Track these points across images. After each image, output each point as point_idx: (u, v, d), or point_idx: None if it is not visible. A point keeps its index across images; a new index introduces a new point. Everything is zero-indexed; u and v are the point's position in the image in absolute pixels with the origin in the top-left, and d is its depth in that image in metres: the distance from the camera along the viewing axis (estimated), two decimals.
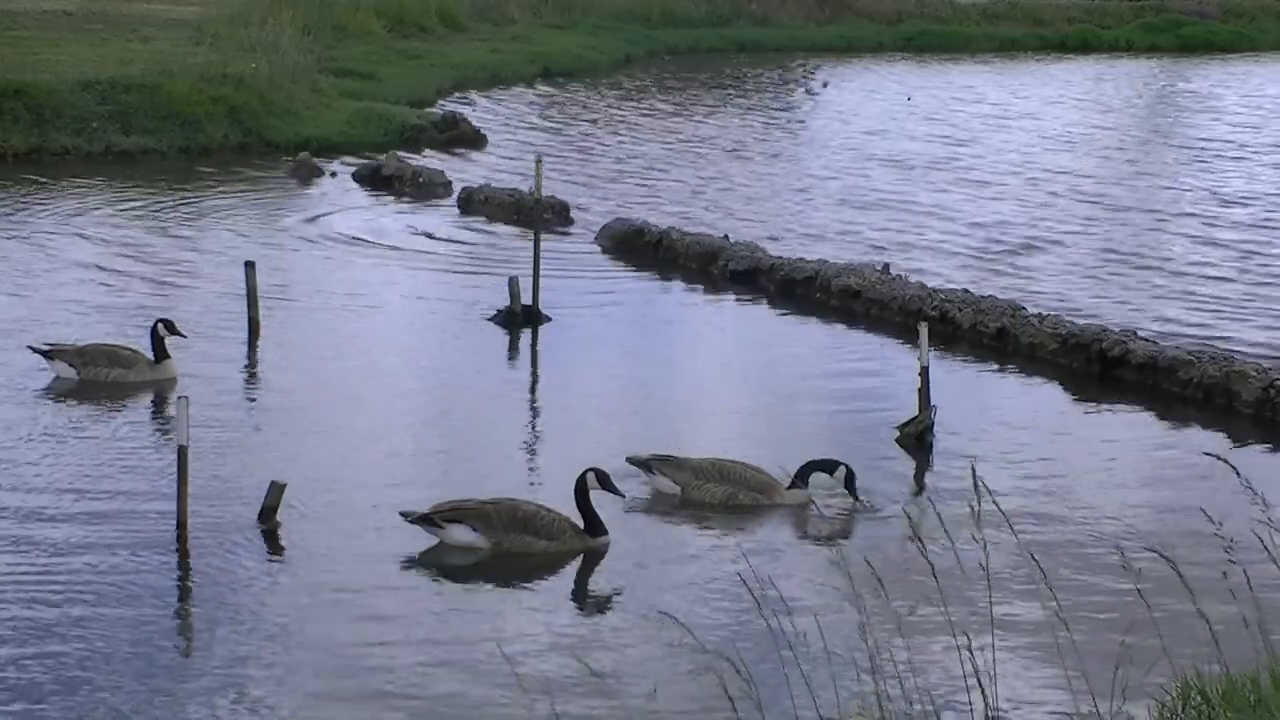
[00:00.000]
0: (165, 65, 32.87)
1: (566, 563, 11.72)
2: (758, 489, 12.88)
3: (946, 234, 24.46)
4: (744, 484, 12.88)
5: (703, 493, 12.87)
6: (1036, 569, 7.06)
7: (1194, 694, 7.46)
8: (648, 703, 9.15)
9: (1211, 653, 7.18)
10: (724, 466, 12.98)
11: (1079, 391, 16.50)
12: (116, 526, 11.94)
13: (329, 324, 18.68)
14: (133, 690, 9.43)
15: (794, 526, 12.60)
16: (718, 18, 59.34)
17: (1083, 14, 66.14)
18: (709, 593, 10.98)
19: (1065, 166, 32.02)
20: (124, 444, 14.05)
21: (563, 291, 19.84)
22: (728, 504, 12.73)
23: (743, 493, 12.83)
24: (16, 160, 28.93)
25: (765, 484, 12.92)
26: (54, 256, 21.81)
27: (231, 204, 26.49)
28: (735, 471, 12.95)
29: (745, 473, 12.95)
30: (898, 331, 18.42)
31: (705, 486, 12.88)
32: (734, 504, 12.73)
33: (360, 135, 32.81)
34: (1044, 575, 6.99)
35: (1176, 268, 22.07)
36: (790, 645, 7.07)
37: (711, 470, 12.95)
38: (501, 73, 45.79)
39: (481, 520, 11.71)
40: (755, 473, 12.98)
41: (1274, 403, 15.28)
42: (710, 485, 12.88)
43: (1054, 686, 9.33)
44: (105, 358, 15.77)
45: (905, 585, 9.67)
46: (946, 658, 8.61)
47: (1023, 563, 10.35)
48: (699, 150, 33.84)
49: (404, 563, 11.56)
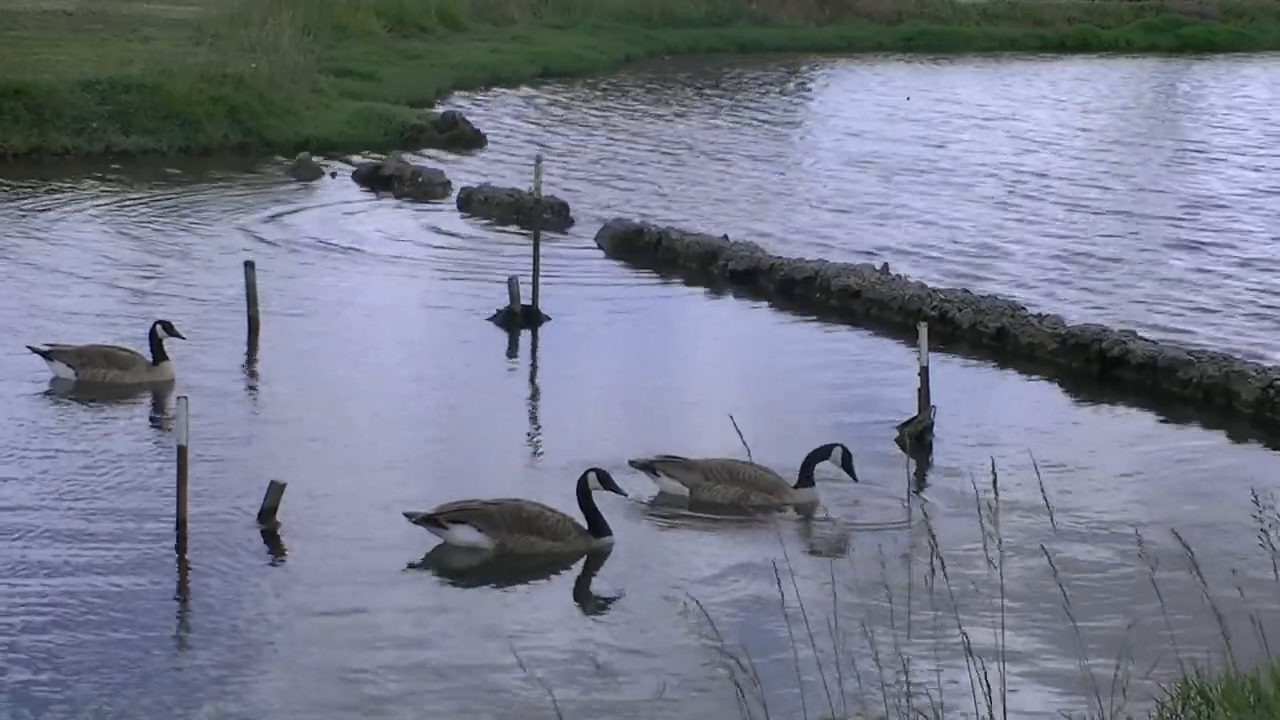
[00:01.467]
0: (165, 65, 32.87)
1: (571, 563, 11.72)
2: (768, 489, 12.81)
3: (921, 240, 24.32)
4: (754, 485, 12.79)
5: (713, 494, 12.78)
6: (1037, 569, 7.07)
7: (1194, 694, 7.47)
8: (654, 700, 9.16)
9: (1212, 653, 7.19)
10: (733, 467, 12.85)
11: (1079, 391, 16.50)
12: (116, 526, 11.94)
13: (328, 323, 18.68)
14: (132, 690, 9.42)
15: (798, 526, 12.60)
16: (718, 18, 59.32)
17: (1083, 14, 66.13)
18: (714, 593, 10.97)
19: (1060, 171, 31.99)
20: (123, 444, 14.05)
21: (562, 292, 19.85)
22: (739, 505, 12.62)
23: (754, 493, 12.74)
24: (16, 160, 28.93)
25: (775, 484, 12.86)
26: (53, 257, 21.80)
27: (231, 204, 26.48)
28: (745, 472, 12.82)
29: (755, 473, 12.84)
30: (897, 331, 18.42)
31: (716, 488, 12.78)
32: (745, 505, 12.62)
33: (360, 135, 32.82)
34: (1055, 570, 6.99)
35: (1159, 274, 21.96)
36: (794, 645, 7.08)
37: (721, 471, 12.85)
38: (501, 73, 45.78)
39: (485, 521, 11.70)
40: (764, 473, 12.89)
41: (1274, 403, 15.28)
42: (721, 486, 12.79)
43: (1054, 686, 9.34)
44: (103, 359, 15.76)
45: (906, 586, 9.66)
46: (948, 658, 8.61)
47: (1023, 563, 10.36)
48: (699, 150, 33.83)
49: (405, 563, 11.56)
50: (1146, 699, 7.87)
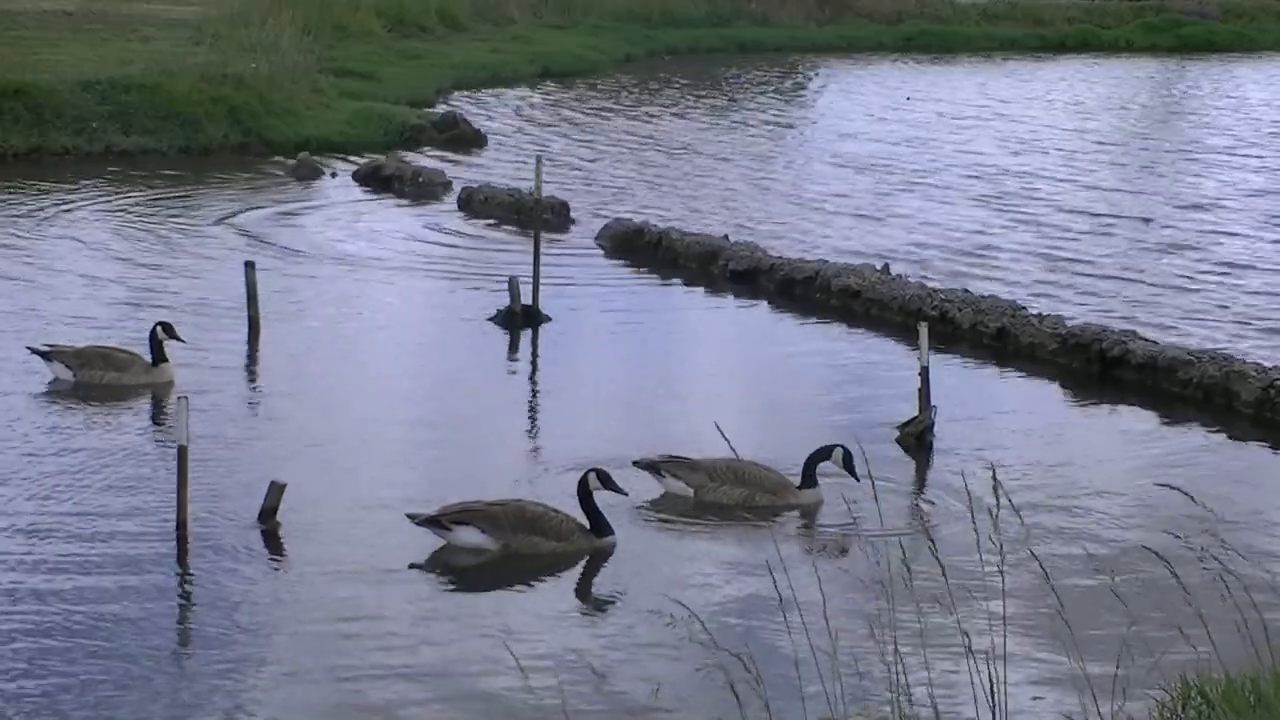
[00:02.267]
0: (165, 65, 32.88)
1: (572, 564, 11.72)
2: (773, 490, 12.77)
3: (921, 239, 24.30)
4: (760, 485, 12.75)
5: (718, 495, 12.73)
6: (1037, 569, 7.06)
7: (1194, 694, 7.47)
8: (653, 701, 9.16)
9: (1212, 653, 7.19)
10: (738, 468, 12.81)
11: (1079, 391, 16.50)
12: (116, 527, 11.94)
13: (328, 324, 18.68)
14: (131, 691, 9.42)
15: (797, 527, 12.60)
16: (718, 18, 59.35)
17: (1083, 14, 66.18)
18: (713, 594, 10.97)
19: (1060, 172, 32.01)
20: (123, 444, 14.04)
21: (563, 291, 19.85)
22: (744, 506, 12.52)
23: (759, 494, 12.70)
24: (16, 160, 28.94)
25: (780, 485, 12.83)
26: (53, 257, 21.81)
27: (231, 204, 26.48)
28: (750, 472, 12.80)
29: (760, 473, 12.81)
30: (898, 331, 18.42)
31: (721, 489, 12.74)
32: (750, 506, 12.53)
33: (360, 135, 32.83)
34: (1047, 575, 6.99)
35: (1160, 274, 21.96)
36: (794, 647, 7.08)
37: (726, 472, 12.79)
38: (501, 73, 45.80)
39: (489, 522, 11.69)
40: (769, 473, 12.87)
41: (1274, 403, 15.28)
42: (726, 487, 12.74)
43: (1054, 687, 9.34)
44: (102, 360, 15.72)
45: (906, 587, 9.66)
46: (949, 659, 8.61)
47: (1023, 563, 10.36)
48: (700, 150, 33.83)
49: (406, 563, 11.55)
50: (1146, 699, 7.87)
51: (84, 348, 15.99)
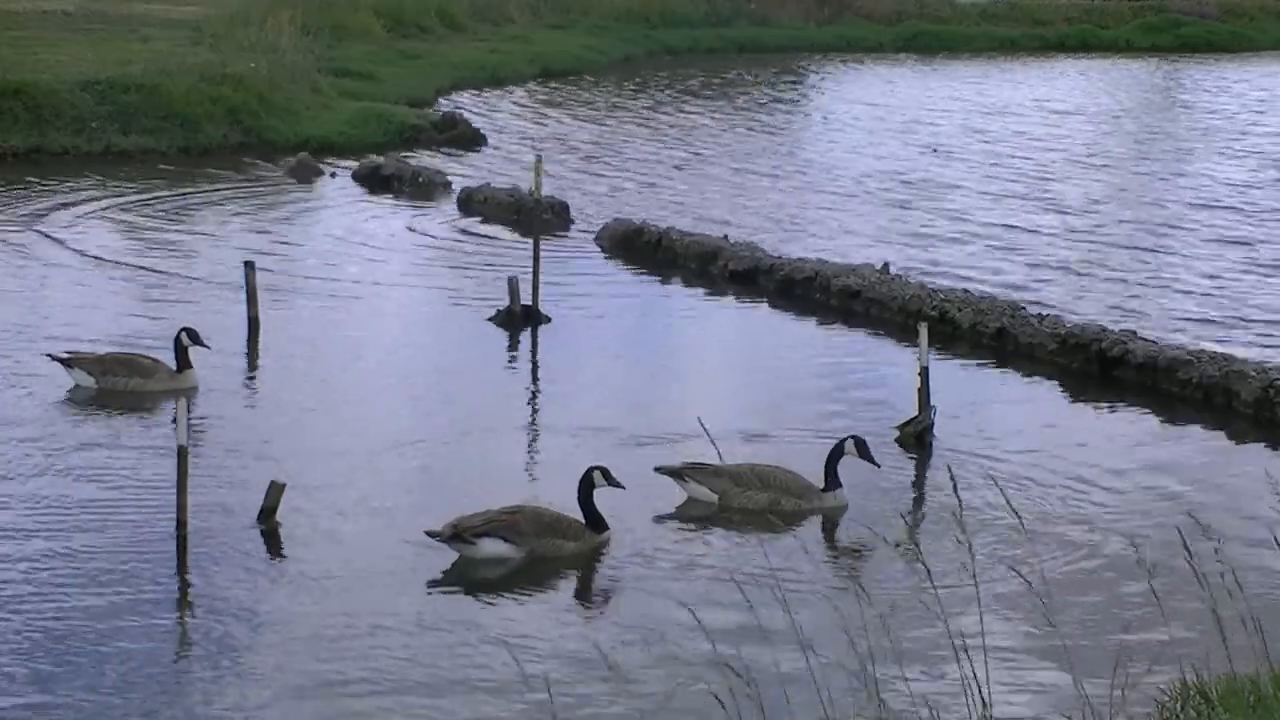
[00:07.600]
0: (165, 65, 32.88)
1: (570, 566, 11.70)
2: (798, 494, 12.67)
3: (921, 239, 24.28)
4: (785, 489, 12.64)
5: (744, 500, 12.60)
6: (1037, 569, 7.07)
7: (1194, 694, 7.48)
8: (654, 702, 9.16)
9: (1211, 653, 7.19)
10: (762, 472, 12.73)
11: (1079, 391, 16.50)
12: (116, 527, 11.94)
13: (328, 324, 18.68)
14: (130, 690, 9.42)
15: (797, 529, 12.58)
16: (717, 18, 59.32)
17: (1082, 14, 66.15)
18: (713, 595, 10.95)
19: (1060, 172, 32.02)
20: (123, 444, 14.05)
21: (562, 291, 19.85)
22: (770, 510, 12.31)
23: (785, 498, 12.59)
24: (16, 160, 28.94)
25: (805, 488, 12.73)
26: (52, 257, 21.80)
27: (231, 204, 26.49)
28: (774, 477, 12.71)
29: (784, 478, 12.72)
30: (897, 331, 18.43)
31: (746, 494, 12.62)
32: (776, 511, 12.31)
33: (360, 135, 32.83)
34: (1044, 578, 7.00)
35: (1160, 274, 21.92)
36: (791, 650, 7.08)
37: (750, 476, 12.70)
38: (501, 73, 45.79)
39: (512, 530, 11.61)
40: (793, 477, 12.76)
41: (1273, 403, 15.28)
42: (751, 492, 12.63)
43: (1054, 687, 9.33)
44: (124, 367, 15.55)
45: (908, 586, 9.67)
46: (946, 660, 8.61)
47: (1022, 564, 10.36)
48: (699, 151, 33.83)
49: (406, 564, 11.55)
50: (1146, 699, 7.88)
51: (105, 355, 15.78)
